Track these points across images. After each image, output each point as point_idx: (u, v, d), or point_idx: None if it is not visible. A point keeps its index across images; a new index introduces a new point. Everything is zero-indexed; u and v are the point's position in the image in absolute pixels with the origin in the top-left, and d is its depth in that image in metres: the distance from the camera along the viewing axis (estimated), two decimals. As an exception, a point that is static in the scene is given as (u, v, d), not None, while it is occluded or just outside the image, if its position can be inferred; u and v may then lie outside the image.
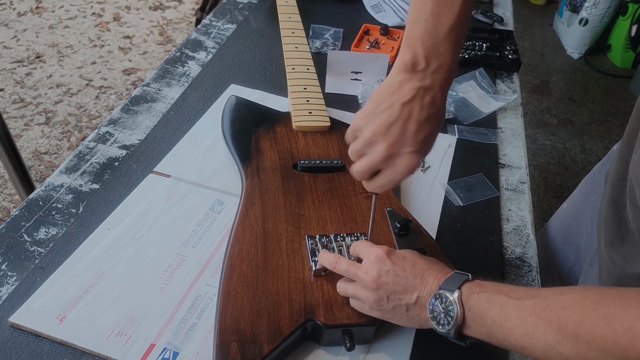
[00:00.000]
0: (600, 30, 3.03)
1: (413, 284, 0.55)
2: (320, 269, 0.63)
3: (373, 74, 1.04)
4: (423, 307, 0.54)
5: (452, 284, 0.53)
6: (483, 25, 1.33)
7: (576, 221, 0.90)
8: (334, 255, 0.61)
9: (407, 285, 0.55)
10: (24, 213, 0.73)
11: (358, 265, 0.58)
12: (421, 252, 0.64)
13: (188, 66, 1.05)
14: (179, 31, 3.00)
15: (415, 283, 0.55)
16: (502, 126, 1.01)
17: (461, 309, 0.51)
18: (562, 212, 0.96)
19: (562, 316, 0.45)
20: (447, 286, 0.53)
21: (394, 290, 0.55)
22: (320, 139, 0.83)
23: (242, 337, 0.56)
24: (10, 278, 0.65)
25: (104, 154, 0.83)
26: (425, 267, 0.56)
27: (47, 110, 2.34)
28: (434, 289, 0.54)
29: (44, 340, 0.59)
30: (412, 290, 0.55)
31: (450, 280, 0.54)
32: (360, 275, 0.57)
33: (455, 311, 0.52)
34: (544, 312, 0.46)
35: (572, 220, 0.91)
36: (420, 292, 0.55)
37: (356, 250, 0.61)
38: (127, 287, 0.64)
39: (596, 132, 2.59)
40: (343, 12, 1.29)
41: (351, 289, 0.58)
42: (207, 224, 0.73)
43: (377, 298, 0.56)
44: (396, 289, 0.55)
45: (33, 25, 2.91)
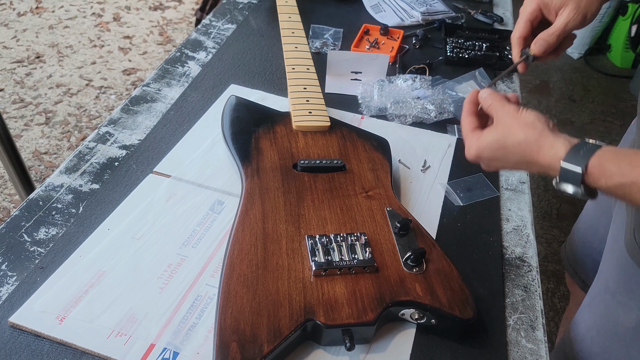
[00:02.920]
0: (600, 30, 3.03)
1: (521, 159, 0.57)
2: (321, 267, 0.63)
3: (373, 74, 1.04)
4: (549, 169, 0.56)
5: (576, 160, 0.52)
6: (483, 25, 1.33)
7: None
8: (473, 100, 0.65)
9: (515, 163, 0.58)
10: (24, 213, 0.73)
11: (466, 134, 0.63)
12: (421, 253, 0.65)
13: (188, 66, 1.05)
14: (179, 31, 3.00)
15: (526, 154, 0.56)
16: (502, 126, 1.01)
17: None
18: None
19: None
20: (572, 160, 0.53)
21: (502, 163, 0.60)
22: (320, 139, 0.83)
23: (242, 337, 0.56)
24: (10, 278, 0.65)
25: (104, 154, 0.83)
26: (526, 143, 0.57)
27: (47, 111, 2.34)
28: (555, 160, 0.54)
29: (44, 340, 0.59)
30: (524, 165, 0.58)
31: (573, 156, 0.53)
32: (465, 142, 0.62)
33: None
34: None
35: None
36: (538, 158, 0.56)
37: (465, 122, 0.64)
38: (127, 287, 0.64)
39: (596, 132, 2.59)
40: (343, 12, 1.29)
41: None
42: (207, 224, 0.73)
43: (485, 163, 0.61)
44: (504, 165, 0.60)
45: (33, 25, 2.91)
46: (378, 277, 0.64)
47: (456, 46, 1.19)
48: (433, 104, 0.98)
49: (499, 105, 0.61)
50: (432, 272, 0.65)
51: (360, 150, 0.82)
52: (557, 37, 0.69)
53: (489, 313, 0.68)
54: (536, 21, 0.71)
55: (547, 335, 0.67)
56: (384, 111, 0.98)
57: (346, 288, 0.62)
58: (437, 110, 0.98)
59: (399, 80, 1.02)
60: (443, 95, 1.01)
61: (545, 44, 0.69)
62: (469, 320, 0.62)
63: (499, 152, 0.59)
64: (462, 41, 1.20)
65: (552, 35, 0.69)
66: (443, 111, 0.99)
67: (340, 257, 0.64)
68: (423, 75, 1.07)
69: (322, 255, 0.64)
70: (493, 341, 0.65)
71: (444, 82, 1.06)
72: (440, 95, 1.00)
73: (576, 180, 0.52)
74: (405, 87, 1.01)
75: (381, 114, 0.98)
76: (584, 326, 0.83)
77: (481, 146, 0.60)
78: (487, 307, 0.68)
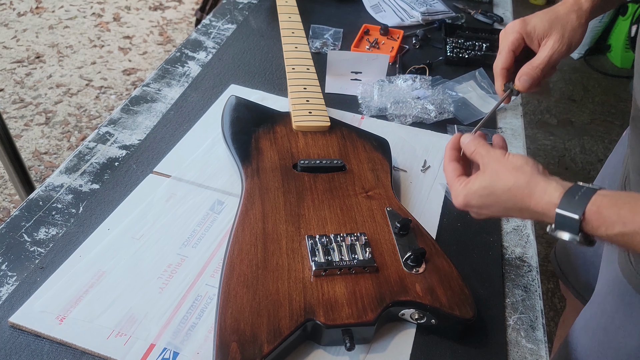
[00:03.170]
0: (600, 30, 3.03)
1: (513, 205, 0.54)
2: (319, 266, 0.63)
3: (373, 74, 1.04)
4: (541, 215, 0.53)
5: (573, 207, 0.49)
6: (483, 25, 1.33)
7: None
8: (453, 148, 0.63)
9: (506, 210, 0.55)
10: (24, 213, 0.73)
11: (450, 182, 0.60)
12: (421, 253, 0.65)
13: (188, 66, 1.05)
14: (179, 31, 3.00)
15: (517, 200, 0.53)
16: (502, 126, 1.01)
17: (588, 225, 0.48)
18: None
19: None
20: (568, 207, 0.49)
21: (493, 211, 0.57)
22: (320, 139, 0.83)
23: (242, 337, 0.56)
24: (10, 278, 0.65)
25: (104, 154, 0.83)
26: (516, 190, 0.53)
27: (47, 111, 2.34)
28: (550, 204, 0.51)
29: (44, 340, 0.59)
30: (516, 212, 0.55)
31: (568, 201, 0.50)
32: (451, 190, 0.59)
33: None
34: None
35: None
36: (530, 204, 0.52)
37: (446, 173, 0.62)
38: (127, 287, 0.64)
39: (596, 132, 2.59)
40: (343, 12, 1.29)
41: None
42: (207, 224, 0.73)
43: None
44: (495, 212, 0.57)
45: (33, 25, 2.91)
46: (378, 277, 0.64)
47: (456, 46, 1.19)
48: (433, 104, 0.98)
49: (484, 151, 0.58)
50: (432, 272, 0.65)
51: (360, 150, 0.82)
52: (541, 70, 0.67)
53: (489, 313, 0.68)
54: (518, 50, 0.69)
55: (547, 335, 0.67)
56: (384, 111, 0.98)
57: (346, 288, 0.62)
58: (437, 110, 0.98)
59: (399, 80, 1.02)
60: (443, 95, 1.01)
61: (530, 80, 0.67)
62: (469, 320, 0.62)
63: (488, 199, 0.56)
64: (462, 41, 1.20)
65: (536, 69, 0.67)
66: (443, 111, 0.99)
67: (340, 257, 0.64)
68: (423, 75, 1.07)
69: (322, 255, 0.64)
70: (493, 341, 0.65)
71: (444, 82, 1.06)
72: (440, 95, 1.00)
73: (574, 228, 0.48)
74: (405, 87, 1.01)
75: (381, 114, 0.98)
76: (582, 350, 0.79)
77: (469, 194, 0.57)
78: (487, 307, 0.68)
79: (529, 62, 0.68)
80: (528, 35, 0.68)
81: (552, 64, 0.67)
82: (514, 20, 0.69)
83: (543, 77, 0.68)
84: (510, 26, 0.69)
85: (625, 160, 0.75)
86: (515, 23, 0.69)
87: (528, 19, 0.68)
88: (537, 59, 0.67)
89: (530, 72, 0.67)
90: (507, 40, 0.68)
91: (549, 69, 0.68)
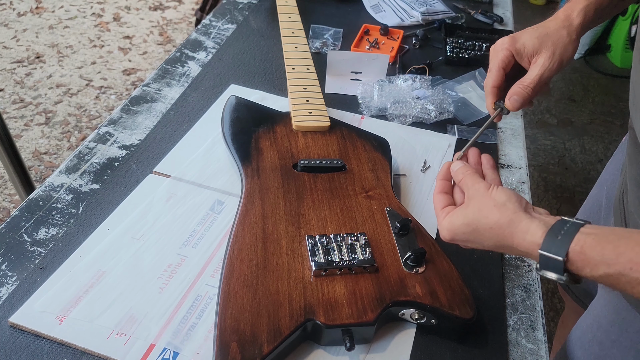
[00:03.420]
0: (600, 30, 3.03)
1: (497, 243, 0.53)
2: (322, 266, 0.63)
3: (373, 74, 1.04)
4: (525, 253, 0.51)
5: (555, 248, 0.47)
6: (483, 25, 1.33)
7: (593, 212, 0.91)
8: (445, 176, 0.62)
9: (492, 246, 0.54)
10: (24, 213, 0.73)
11: (436, 214, 0.59)
12: (421, 253, 0.65)
13: (188, 66, 1.05)
14: (179, 31, 3.00)
15: (500, 239, 0.52)
16: (502, 126, 1.01)
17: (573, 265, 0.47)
18: (582, 208, 0.98)
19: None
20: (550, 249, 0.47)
21: (479, 246, 0.55)
22: (320, 139, 0.83)
23: (242, 337, 0.56)
24: (10, 278, 0.65)
25: (104, 154, 0.83)
26: (501, 224, 0.52)
27: (47, 111, 2.34)
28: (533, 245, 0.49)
29: (44, 340, 0.59)
30: (501, 248, 0.53)
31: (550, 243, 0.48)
32: (437, 221, 0.58)
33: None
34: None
35: (589, 213, 0.93)
36: (513, 243, 0.51)
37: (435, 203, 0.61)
38: (127, 287, 0.64)
39: (596, 132, 2.59)
40: (343, 12, 1.29)
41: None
42: (207, 224, 0.73)
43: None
44: (482, 247, 0.55)
45: (33, 25, 2.91)
46: (378, 277, 0.64)
47: (456, 46, 1.19)
48: (433, 104, 0.98)
49: (470, 182, 0.57)
50: (432, 272, 0.65)
51: (360, 150, 0.82)
52: (532, 89, 0.65)
53: (489, 313, 0.68)
54: (509, 67, 0.67)
55: (547, 335, 0.67)
56: (384, 111, 0.98)
57: (346, 288, 0.62)
58: (437, 110, 0.98)
59: (399, 80, 1.02)
60: (443, 95, 1.01)
61: (521, 99, 0.65)
62: (469, 320, 0.62)
63: (472, 236, 0.54)
64: (462, 41, 1.20)
65: (527, 88, 0.65)
66: (443, 111, 0.99)
67: (340, 257, 0.64)
68: (423, 75, 1.07)
69: (322, 255, 0.64)
70: (493, 341, 0.65)
71: (444, 82, 1.06)
72: (440, 95, 1.00)
73: (558, 268, 0.47)
74: (405, 87, 1.01)
75: (381, 114, 0.98)
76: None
77: (453, 228, 0.56)
78: (487, 307, 0.68)
79: (520, 81, 0.66)
80: (518, 52, 0.66)
81: (544, 81, 0.66)
82: (503, 37, 0.68)
83: (535, 95, 0.66)
84: (499, 43, 0.68)
85: (623, 169, 0.74)
86: (504, 40, 0.67)
87: (517, 36, 0.67)
88: (528, 78, 0.66)
89: (521, 91, 0.65)
90: (497, 58, 0.67)
91: (541, 87, 0.66)
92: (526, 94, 0.66)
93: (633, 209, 0.67)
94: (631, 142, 0.68)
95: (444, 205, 0.59)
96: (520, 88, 0.66)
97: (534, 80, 0.66)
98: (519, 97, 0.66)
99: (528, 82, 0.66)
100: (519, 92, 0.66)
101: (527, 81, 0.66)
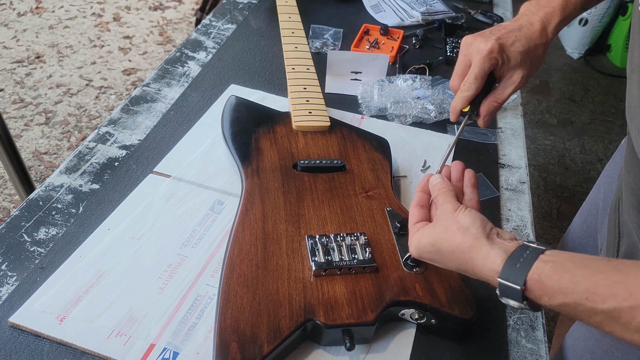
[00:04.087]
0: (600, 30, 3.03)
1: (459, 266, 0.52)
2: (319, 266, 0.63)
3: (373, 74, 1.04)
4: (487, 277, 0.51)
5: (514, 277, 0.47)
6: (483, 25, 1.33)
7: (591, 214, 0.90)
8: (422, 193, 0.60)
9: (455, 269, 0.53)
10: (24, 213, 0.73)
11: (409, 228, 0.58)
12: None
13: (188, 66, 1.05)
14: (179, 31, 3.00)
15: (462, 262, 0.51)
16: (502, 126, 1.01)
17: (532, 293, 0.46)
18: (580, 209, 0.97)
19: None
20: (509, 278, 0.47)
21: (445, 266, 0.55)
22: (320, 139, 0.83)
23: (242, 337, 0.56)
24: (10, 278, 0.65)
25: (104, 154, 0.83)
26: (463, 248, 0.51)
27: (47, 111, 2.34)
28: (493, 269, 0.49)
29: (44, 340, 0.59)
30: (464, 271, 0.52)
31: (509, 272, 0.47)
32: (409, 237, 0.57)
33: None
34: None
35: (587, 215, 0.92)
36: (474, 269, 0.51)
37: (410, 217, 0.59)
38: (127, 287, 0.64)
39: (596, 132, 2.59)
40: (343, 12, 1.29)
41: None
42: (207, 224, 0.73)
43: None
44: (448, 268, 0.54)
45: (33, 25, 2.91)
46: (378, 277, 0.64)
47: (456, 46, 1.19)
48: (433, 104, 0.98)
49: (441, 201, 0.56)
50: (432, 272, 0.65)
51: (360, 150, 0.82)
52: (501, 104, 0.65)
53: (489, 313, 0.68)
54: (485, 77, 0.65)
55: (547, 335, 0.67)
56: (384, 111, 0.98)
57: (346, 288, 0.62)
58: (437, 110, 0.98)
59: (399, 80, 1.02)
60: (443, 95, 1.01)
61: (491, 117, 0.65)
62: (469, 320, 0.62)
63: (437, 256, 0.54)
64: (462, 41, 1.20)
65: (499, 106, 0.64)
66: (443, 111, 0.99)
67: (340, 257, 0.64)
68: (423, 75, 1.07)
69: (322, 255, 0.64)
70: (493, 341, 0.65)
71: (444, 82, 1.06)
72: (440, 95, 1.00)
73: (517, 297, 0.46)
74: (405, 87, 1.01)
75: (381, 114, 0.98)
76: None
77: (420, 246, 0.55)
78: (487, 307, 0.68)
79: (495, 98, 0.64)
80: (502, 64, 0.64)
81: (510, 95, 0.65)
82: (486, 38, 0.63)
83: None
84: (483, 47, 0.62)
85: (621, 175, 0.73)
86: (492, 46, 0.62)
87: (504, 44, 0.63)
88: (503, 95, 0.64)
89: (494, 110, 0.65)
90: (484, 65, 0.63)
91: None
92: (496, 110, 0.65)
93: (627, 217, 0.67)
94: (628, 148, 0.68)
95: (417, 220, 0.58)
96: (495, 107, 0.65)
97: (507, 97, 0.64)
98: (490, 116, 0.65)
99: (502, 99, 0.64)
100: (492, 112, 0.65)
101: (502, 99, 0.64)
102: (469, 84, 0.64)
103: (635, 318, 0.40)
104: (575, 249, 0.95)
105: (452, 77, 0.66)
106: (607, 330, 0.42)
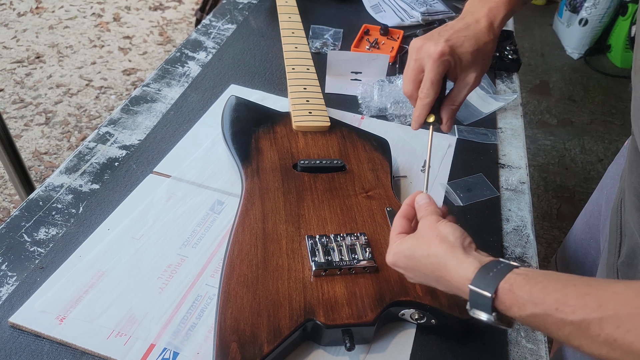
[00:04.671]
0: (600, 30, 3.03)
1: (431, 273, 0.52)
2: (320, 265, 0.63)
3: (373, 74, 1.04)
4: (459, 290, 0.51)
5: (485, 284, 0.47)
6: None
7: (593, 216, 0.90)
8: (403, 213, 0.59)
9: (427, 277, 0.53)
10: (24, 213, 0.73)
11: (391, 238, 0.57)
12: None
13: (188, 66, 1.05)
14: (179, 31, 3.00)
15: (435, 268, 0.51)
16: (502, 126, 1.01)
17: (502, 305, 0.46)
18: (582, 211, 0.97)
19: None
20: (480, 285, 0.47)
21: (417, 275, 0.55)
22: (320, 139, 0.83)
23: (242, 337, 0.56)
24: (10, 278, 0.65)
25: (104, 154, 0.83)
26: (439, 265, 0.52)
27: (47, 111, 2.34)
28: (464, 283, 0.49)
29: (44, 340, 0.59)
30: (434, 281, 0.53)
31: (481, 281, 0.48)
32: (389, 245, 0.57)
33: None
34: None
35: (589, 217, 0.92)
36: (446, 275, 0.51)
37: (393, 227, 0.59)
38: (127, 287, 0.64)
39: (596, 132, 2.59)
40: (343, 12, 1.29)
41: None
42: (207, 224, 0.73)
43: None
44: (419, 277, 0.54)
45: (33, 25, 2.91)
46: (378, 277, 0.64)
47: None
48: (433, 104, 0.98)
49: (424, 214, 0.57)
50: (432, 272, 0.65)
51: (360, 151, 0.82)
52: (459, 106, 0.65)
53: (489, 313, 0.68)
54: (441, 81, 0.64)
55: (547, 336, 0.67)
56: (384, 111, 0.98)
57: (346, 288, 0.62)
58: (437, 111, 0.98)
59: (399, 80, 1.02)
60: (443, 95, 1.01)
61: (453, 121, 0.65)
62: (469, 320, 0.62)
63: (410, 262, 0.54)
64: (462, 41, 1.20)
65: (457, 109, 0.65)
66: (443, 111, 0.99)
67: (340, 257, 0.64)
68: (423, 75, 1.06)
69: (322, 255, 0.64)
70: (493, 341, 0.65)
71: (444, 82, 1.06)
72: (440, 95, 1.00)
73: (486, 306, 0.46)
74: (405, 87, 1.01)
75: (381, 114, 0.98)
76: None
77: (397, 253, 0.55)
78: (487, 307, 0.68)
79: (451, 102, 0.64)
80: (454, 66, 0.63)
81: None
82: (434, 39, 0.62)
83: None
84: (436, 51, 0.61)
85: (624, 176, 0.73)
86: (443, 49, 0.61)
87: (454, 45, 0.62)
88: (458, 98, 0.64)
89: (454, 114, 0.65)
90: (438, 69, 0.61)
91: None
92: (455, 112, 0.65)
93: (629, 217, 0.67)
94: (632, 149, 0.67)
95: (399, 231, 0.58)
96: (454, 110, 0.65)
97: (463, 99, 0.64)
98: (452, 121, 0.65)
99: (459, 102, 0.64)
100: (452, 117, 0.65)
101: (458, 101, 0.64)
102: (427, 90, 0.63)
103: (604, 330, 0.39)
104: (577, 250, 0.95)
105: (404, 83, 0.65)
106: (575, 345, 0.42)
